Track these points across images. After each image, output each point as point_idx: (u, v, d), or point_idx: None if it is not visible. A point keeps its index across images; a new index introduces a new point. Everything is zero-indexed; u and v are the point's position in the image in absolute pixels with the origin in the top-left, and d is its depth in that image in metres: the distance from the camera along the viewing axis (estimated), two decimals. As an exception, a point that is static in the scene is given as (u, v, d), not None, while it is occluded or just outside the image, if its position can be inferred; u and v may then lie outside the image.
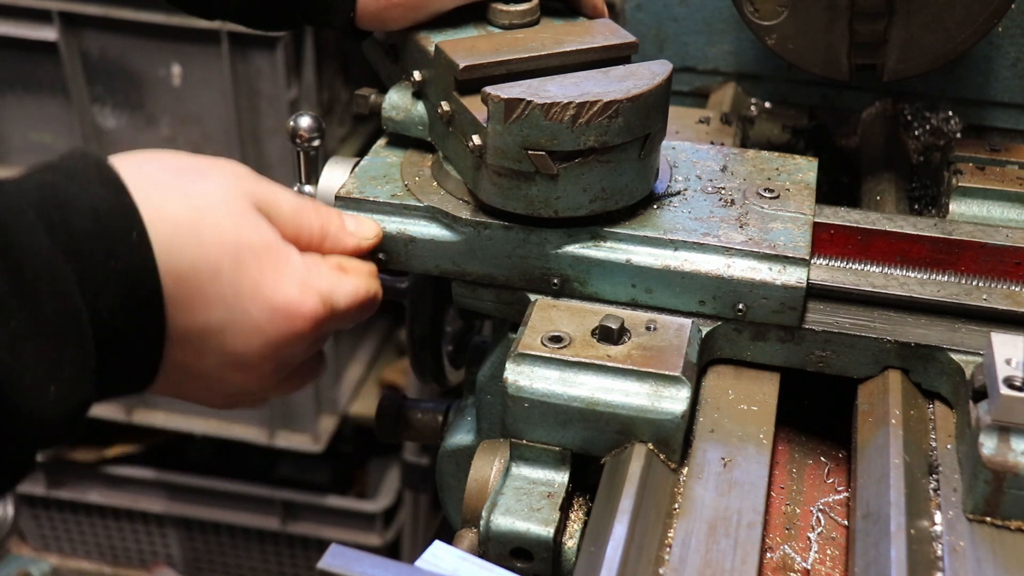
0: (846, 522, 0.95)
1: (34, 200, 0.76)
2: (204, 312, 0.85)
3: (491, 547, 0.93)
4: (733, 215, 1.05)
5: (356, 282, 0.96)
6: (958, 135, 1.39)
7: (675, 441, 0.93)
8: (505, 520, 0.92)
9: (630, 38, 1.05)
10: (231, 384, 0.92)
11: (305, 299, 0.90)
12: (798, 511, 0.96)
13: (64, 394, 0.75)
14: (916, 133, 1.40)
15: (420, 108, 1.10)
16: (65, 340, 0.75)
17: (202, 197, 0.85)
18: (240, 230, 0.87)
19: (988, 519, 0.87)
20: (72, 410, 0.76)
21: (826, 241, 1.05)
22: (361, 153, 1.16)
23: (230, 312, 0.86)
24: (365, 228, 1.02)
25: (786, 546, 0.92)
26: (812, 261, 1.03)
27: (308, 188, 1.12)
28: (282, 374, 0.96)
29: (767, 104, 1.47)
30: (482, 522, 0.93)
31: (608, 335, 0.96)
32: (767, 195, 1.08)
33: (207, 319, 0.85)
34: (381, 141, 1.16)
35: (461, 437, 1.17)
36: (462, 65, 1.00)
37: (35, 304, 0.73)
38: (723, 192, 1.08)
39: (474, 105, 0.98)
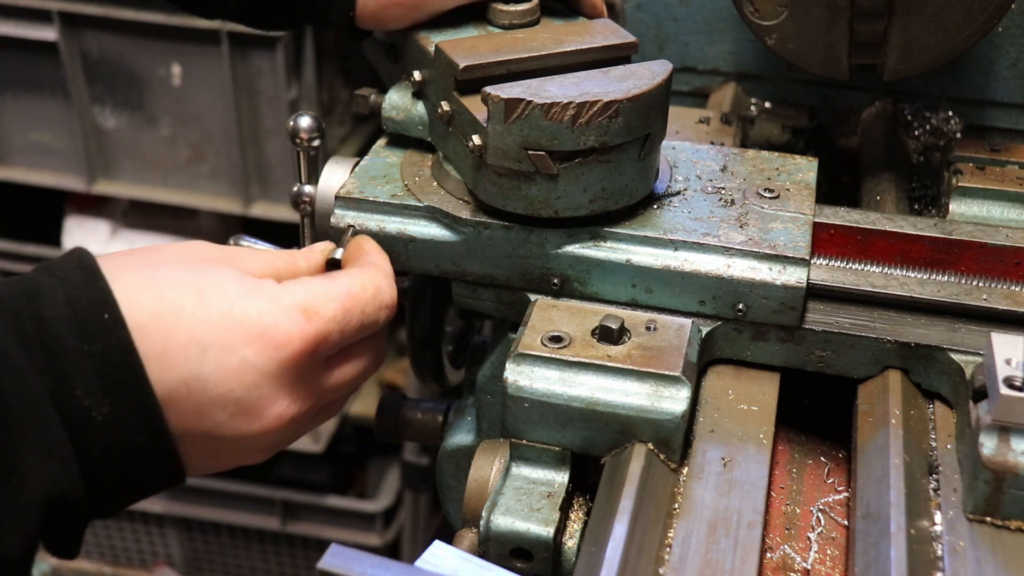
0: (846, 522, 0.95)
1: (4, 295, 0.76)
2: (181, 361, 0.80)
3: (491, 547, 0.93)
4: (733, 215, 1.05)
5: (348, 282, 0.91)
6: (958, 135, 1.39)
7: (675, 441, 0.93)
8: (505, 520, 0.92)
9: (630, 38, 1.05)
10: (254, 435, 0.85)
11: (282, 317, 0.84)
12: (798, 511, 0.96)
13: (23, 484, 0.72)
14: (916, 133, 1.40)
15: (420, 108, 1.10)
16: (23, 429, 0.73)
17: (157, 258, 0.85)
18: (199, 271, 0.84)
19: (988, 519, 0.87)
20: (40, 501, 0.73)
21: (826, 241, 1.05)
22: (361, 153, 1.16)
23: (205, 350, 0.81)
24: (324, 244, 0.99)
25: (786, 546, 0.92)
26: (812, 261, 1.03)
27: (308, 188, 1.12)
28: (322, 398, 0.90)
29: (767, 104, 1.47)
30: (482, 522, 0.93)
31: (608, 335, 0.96)
32: (767, 195, 1.08)
33: (186, 367, 0.80)
34: (381, 141, 1.16)
35: (461, 437, 1.17)
36: (462, 65, 1.00)
37: None
38: (723, 192, 1.08)
39: (474, 105, 0.98)
